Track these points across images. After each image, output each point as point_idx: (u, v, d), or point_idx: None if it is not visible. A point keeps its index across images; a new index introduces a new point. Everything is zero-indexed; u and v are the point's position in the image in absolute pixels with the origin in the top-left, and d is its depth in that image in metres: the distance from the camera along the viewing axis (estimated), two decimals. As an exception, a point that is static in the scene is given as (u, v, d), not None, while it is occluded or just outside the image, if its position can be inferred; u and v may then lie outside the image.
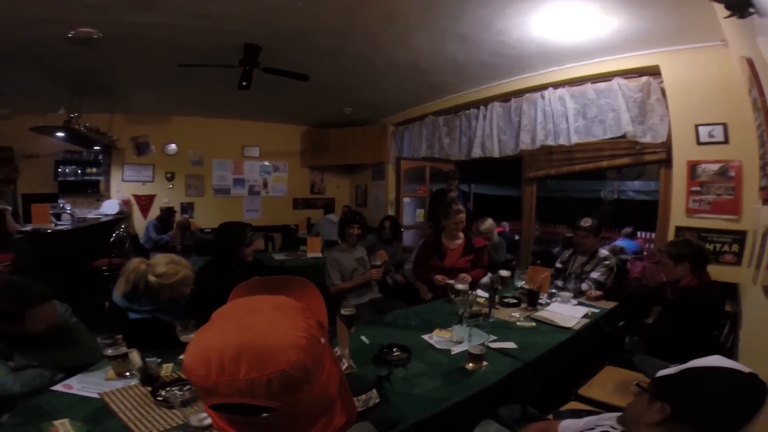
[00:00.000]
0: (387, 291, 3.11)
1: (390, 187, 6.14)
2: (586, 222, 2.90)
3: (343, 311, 2.03)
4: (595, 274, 2.84)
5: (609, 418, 1.23)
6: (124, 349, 1.48)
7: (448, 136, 4.93)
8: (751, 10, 1.25)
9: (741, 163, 2.56)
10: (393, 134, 6.13)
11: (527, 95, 3.86)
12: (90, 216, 4.94)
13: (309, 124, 6.96)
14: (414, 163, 5.52)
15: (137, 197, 5.99)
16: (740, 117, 2.44)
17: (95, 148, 5.38)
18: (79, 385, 1.43)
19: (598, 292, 2.71)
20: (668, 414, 0.95)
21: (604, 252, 2.95)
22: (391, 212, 6.11)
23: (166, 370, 1.58)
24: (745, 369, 0.96)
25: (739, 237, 2.58)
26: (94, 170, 5.57)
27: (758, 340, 1.41)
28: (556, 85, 3.60)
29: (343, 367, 1.65)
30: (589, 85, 3.39)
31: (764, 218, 1.77)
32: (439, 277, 2.88)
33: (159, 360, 1.60)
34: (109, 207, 5.34)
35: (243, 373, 0.47)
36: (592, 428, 1.24)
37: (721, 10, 1.48)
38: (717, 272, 2.52)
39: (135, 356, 1.46)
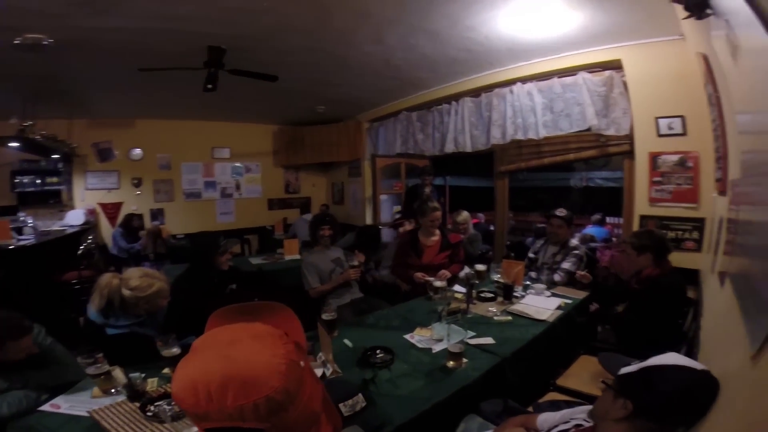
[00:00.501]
0: (368, 289, 3.11)
1: (366, 183, 6.13)
2: (561, 212, 3.00)
3: (324, 316, 2.04)
4: (565, 264, 2.94)
5: (582, 412, 1.31)
6: (106, 367, 1.48)
7: (421, 132, 4.97)
8: (709, 11, 1.29)
9: (699, 154, 2.70)
10: (368, 131, 6.12)
11: (497, 90, 3.93)
12: (54, 228, 4.70)
13: (281, 122, 6.83)
14: (390, 160, 5.53)
15: (103, 206, 5.74)
16: (697, 109, 2.55)
17: (54, 156, 5.11)
18: (67, 405, 1.43)
19: (583, 273, 2.77)
20: (631, 410, 1.01)
21: (574, 242, 3.06)
22: (368, 209, 6.12)
23: (151, 384, 1.58)
24: (698, 366, 1.03)
25: (699, 224, 2.73)
26: (55, 179, 5.27)
27: (716, 329, 1.50)
28: (524, 79, 3.67)
29: (328, 372, 1.67)
30: (555, 80, 3.48)
31: (720, 209, 1.88)
32: (419, 275, 2.92)
33: (143, 375, 1.59)
34: (74, 217, 5.10)
35: (230, 400, 0.51)
36: (567, 422, 1.32)
37: (680, 9, 1.53)
38: (679, 259, 2.65)
39: (118, 373, 1.45)
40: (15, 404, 1.34)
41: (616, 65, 3.11)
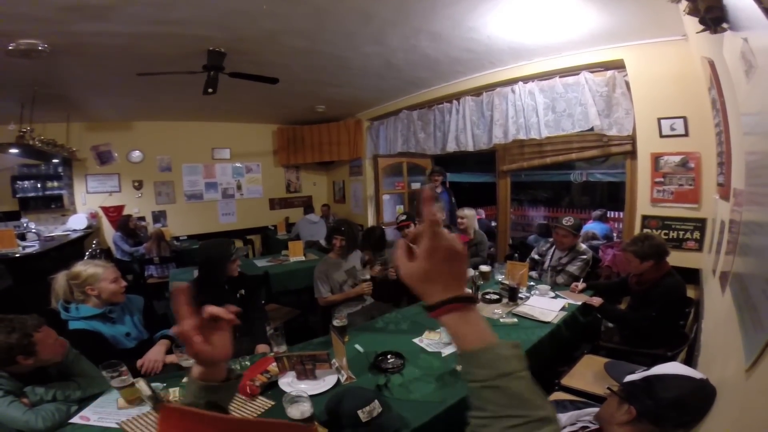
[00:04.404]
0: (377, 290, 3.11)
1: (368, 182, 6.15)
2: (569, 221, 2.98)
3: (335, 322, 2.07)
4: (571, 268, 2.95)
5: (588, 414, 1.38)
6: (130, 380, 1.52)
7: (423, 131, 4.97)
8: (725, 25, 1.27)
9: (700, 155, 2.71)
10: (368, 129, 6.12)
11: (498, 89, 3.94)
12: (57, 233, 4.71)
13: (281, 122, 6.82)
14: (391, 160, 5.54)
15: (105, 209, 5.75)
16: (699, 110, 2.56)
17: (54, 160, 5.10)
18: (96, 417, 1.47)
19: (582, 285, 2.79)
20: (634, 415, 1.10)
21: (583, 246, 3.04)
22: (370, 208, 6.14)
23: (174, 394, 1.60)
24: (697, 375, 1.12)
25: (700, 224, 2.75)
26: (56, 184, 5.27)
27: (716, 335, 1.53)
28: (526, 79, 3.68)
29: (343, 379, 1.71)
30: (557, 80, 3.48)
31: (721, 212, 1.90)
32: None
33: (164, 384, 1.62)
34: (77, 222, 5.10)
35: None
36: (574, 423, 1.38)
37: (685, 7, 1.50)
38: (681, 258, 2.70)
39: (142, 385, 1.49)
40: (49, 418, 1.37)
41: (618, 65, 3.11)
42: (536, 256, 3.22)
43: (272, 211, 7.10)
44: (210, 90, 3.48)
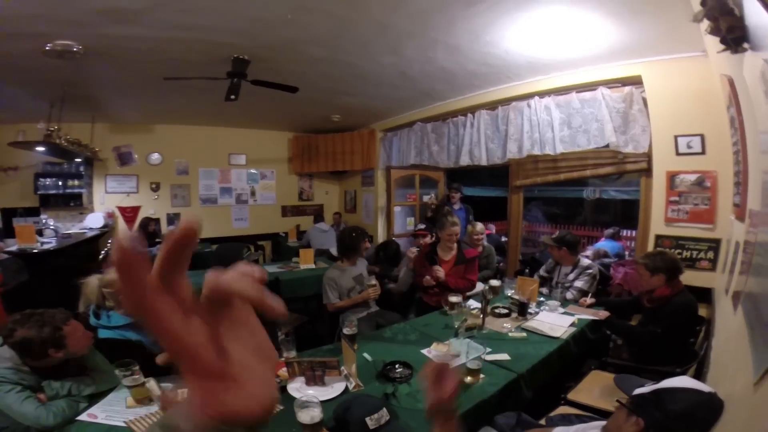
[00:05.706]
0: (382, 297, 3.13)
1: (379, 193, 6.18)
2: (553, 234, 3.12)
3: (345, 331, 2.09)
4: (578, 283, 2.96)
5: (595, 427, 1.38)
6: (141, 379, 1.53)
7: (436, 144, 5.00)
8: (746, 45, 1.27)
9: (717, 174, 2.67)
10: (382, 140, 6.16)
11: (514, 104, 3.94)
12: (74, 230, 4.82)
13: (296, 130, 6.92)
14: (404, 171, 5.56)
15: (122, 209, 5.86)
16: (717, 128, 2.53)
17: (77, 160, 5.25)
18: (103, 414, 1.48)
19: (591, 300, 2.81)
20: (642, 427, 1.11)
21: (586, 261, 3.08)
22: (381, 218, 6.15)
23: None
24: (706, 389, 1.12)
25: (714, 245, 2.71)
26: (76, 182, 5.40)
27: (726, 352, 1.53)
28: (542, 94, 3.67)
29: (351, 386, 1.72)
30: (574, 95, 3.47)
31: (737, 233, 1.88)
32: (428, 278, 3.03)
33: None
34: (94, 220, 5.22)
35: None
36: None
37: (707, 26, 1.51)
38: (693, 278, 2.66)
39: (153, 385, 1.50)
40: (60, 414, 1.39)
41: (636, 81, 3.08)
42: (544, 273, 3.23)
43: (284, 218, 7.15)
44: (232, 96, 3.57)
